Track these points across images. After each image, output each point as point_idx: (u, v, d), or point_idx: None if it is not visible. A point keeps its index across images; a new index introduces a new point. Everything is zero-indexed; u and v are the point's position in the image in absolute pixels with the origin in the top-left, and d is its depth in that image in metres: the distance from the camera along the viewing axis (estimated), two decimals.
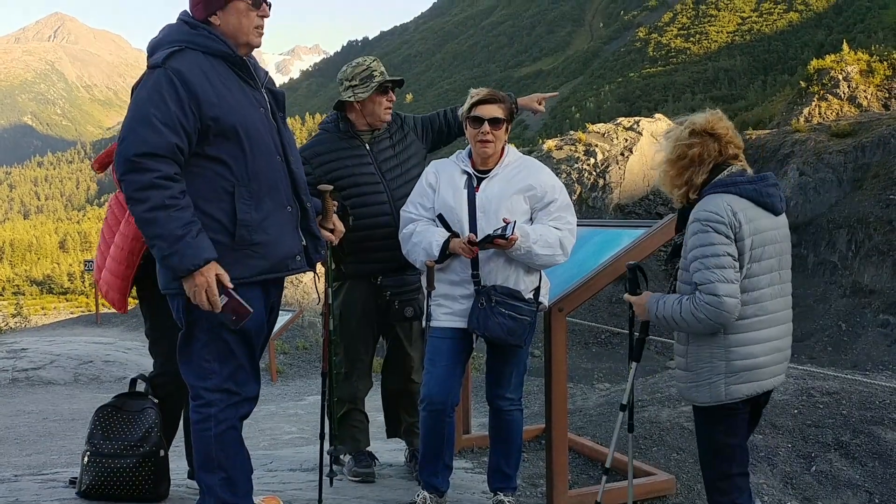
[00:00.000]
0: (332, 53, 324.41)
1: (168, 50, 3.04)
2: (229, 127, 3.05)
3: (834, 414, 5.75)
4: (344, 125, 4.50)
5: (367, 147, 4.48)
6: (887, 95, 46.00)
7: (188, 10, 3.21)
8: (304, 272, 3.41)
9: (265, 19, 3.23)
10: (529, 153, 42.72)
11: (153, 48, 3.14)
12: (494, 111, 3.88)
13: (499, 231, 3.69)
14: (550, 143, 43.96)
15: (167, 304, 3.12)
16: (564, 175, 39.42)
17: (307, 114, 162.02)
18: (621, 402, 3.74)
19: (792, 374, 6.88)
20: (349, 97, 4.43)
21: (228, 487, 3.17)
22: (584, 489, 4.46)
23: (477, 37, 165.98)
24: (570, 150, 41.33)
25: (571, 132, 47.46)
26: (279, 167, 3.23)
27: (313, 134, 4.72)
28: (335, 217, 3.68)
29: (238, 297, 2.96)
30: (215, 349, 3.10)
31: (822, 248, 34.17)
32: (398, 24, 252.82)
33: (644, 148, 34.97)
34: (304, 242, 3.32)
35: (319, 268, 3.73)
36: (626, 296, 3.53)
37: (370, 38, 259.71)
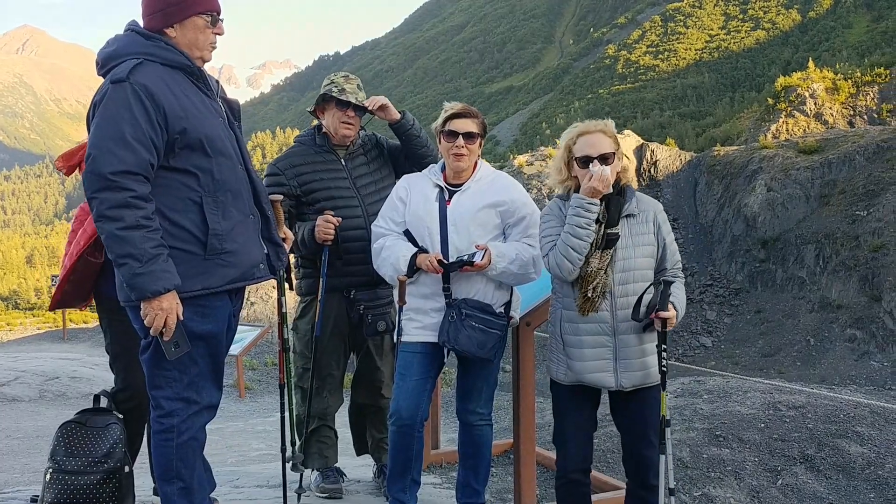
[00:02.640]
0: (303, 68, 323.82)
1: (129, 63, 3.02)
2: (195, 139, 3.06)
3: (800, 427, 5.81)
4: (320, 139, 4.53)
5: (343, 162, 4.50)
6: (852, 113, 46.76)
7: (136, 21, 3.21)
8: (267, 280, 3.43)
9: (219, 36, 3.26)
10: (500, 168, 42.94)
11: (106, 59, 3.12)
12: (469, 125, 3.90)
13: (465, 257, 3.70)
14: (521, 159, 44.28)
15: (127, 320, 3.09)
16: (535, 191, 39.65)
17: (278, 128, 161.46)
18: (665, 419, 3.51)
19: (759, 388, 6.95)
20: (309, 108, 4.58)
21: (186, 496, 3.16)
22: None
23: (448, 52, 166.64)
24: (541, 165, 41.62)
25: (542, 148, 47.80)
26: (241, 176, 3.25)
27: (284, 148, 4.74)
28: (284, 226, 3.72)
29: (184, 331, 2.99)
30: (177, 357, 3.07)
31: (790, 264, 34.60)
32: (370, 40, 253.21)
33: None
34: (265, 251, 3.33)
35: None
36: (663, 313, 3.40)
37: (342, 53, 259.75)
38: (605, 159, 3.51)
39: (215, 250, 3.08)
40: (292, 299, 4.31)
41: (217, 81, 3.37)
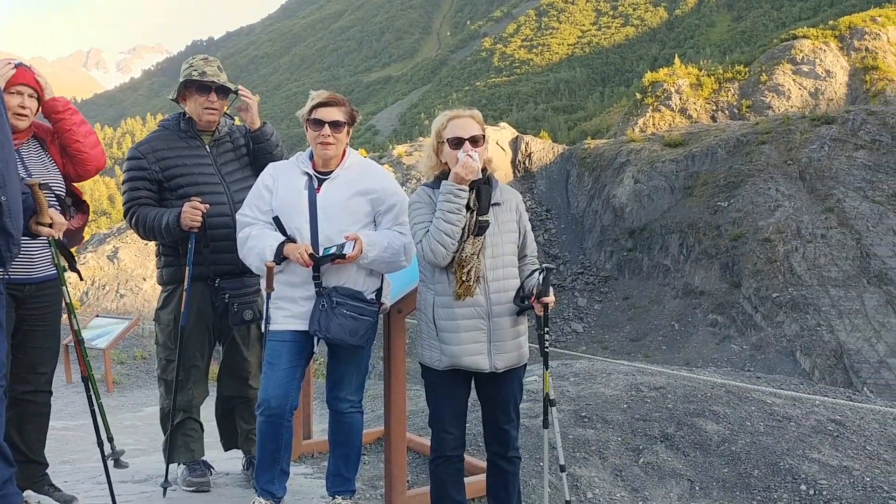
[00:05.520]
0: (175, 53, 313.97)
1: None
2: None
3: (660, 408, 6.06)
4: (185, 124, 4.41)
5: (208, 148, 4.39)
6: (714, 108, 48.97)
7: None
8: None
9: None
10: (380, 158, 42.90)
11: None
12: (335, 114, 3.87)
13: (333, 249, 3.69)
14: (400, 149, 44.43)
15: None
16: (414, 181, 39.79)
17: (149, 114, 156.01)
18: (550, 398, 3.79)
19: (622, 370, 7.21)
20: (171, 96, 4.45)
21: None
22: (423, 489, 4.49)
23: (326, 40, 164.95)
24: (420, 155, 41.76)
25: (421, 138, 47.96)
26: None
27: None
28: (52, 211, 3.59)
29: None
30: None
31: (655, 252, 35.97)
32: (245, 25, 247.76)
33: (490, 155, 35.82)
34: None
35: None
36: (546, 298, 3.55)
37: (215, 38, 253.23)
38: (475, 141, 3.62)
39: None
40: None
41: None
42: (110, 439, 3.98)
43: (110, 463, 3.96)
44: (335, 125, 3.85)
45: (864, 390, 24.18)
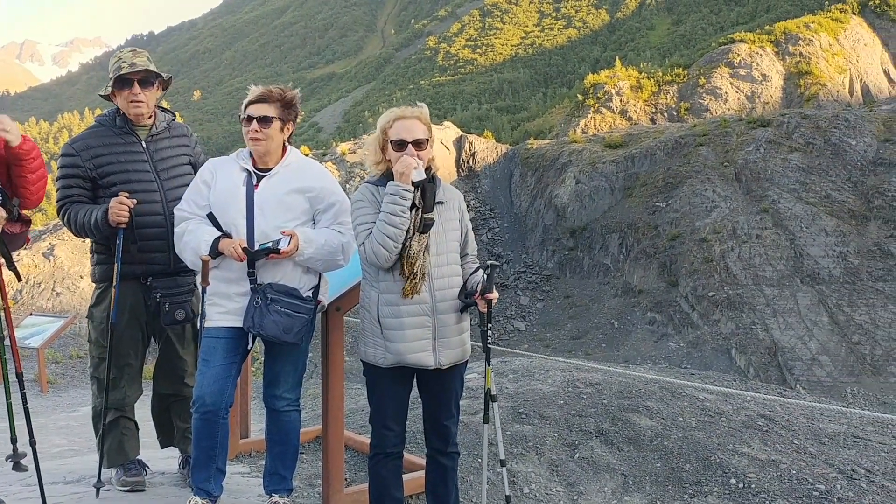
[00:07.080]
0: (115, 47, 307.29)
1: None
2: None
3: (596, 403, 6.16)
4: (120, 120, 4.34)
5: (143, 145, 4.33)
6: (654, 110, 49.69)
7: None
8: None
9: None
10: (323, 156, 42.56)
11: None
12: (265, 110, 3.88)
13: (269, 244, 3.69)
14: (344, 147, 44.15)
15: None
16: (358, 178, 39.62)
17: (87, 109, 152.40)
18: (491, 394, 3.87)
19: (559, 367, 7.32)
20: (103, 91, 4.35)
21: None
22: (361, 486, 4.51)
23: (268, 36, 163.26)
24: (364, 153, 41.60)
25: (365, 136, 47.68)
26: None
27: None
28: None
29: None
30: None
31: (596, 252, 36.40)
32: (186, 20, 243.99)
33: (433, 153, 35.84)
34: None
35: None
36: (490, 294, 3.63)
37: (156, 33, 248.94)
38: (419, 144, 3.66)
39: None
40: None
41: None
42: (14, 440, 3.85)
43: (9, 465, 3.86)
44: (263, 121, 3.87)
45: (797, 387, 24.83)
